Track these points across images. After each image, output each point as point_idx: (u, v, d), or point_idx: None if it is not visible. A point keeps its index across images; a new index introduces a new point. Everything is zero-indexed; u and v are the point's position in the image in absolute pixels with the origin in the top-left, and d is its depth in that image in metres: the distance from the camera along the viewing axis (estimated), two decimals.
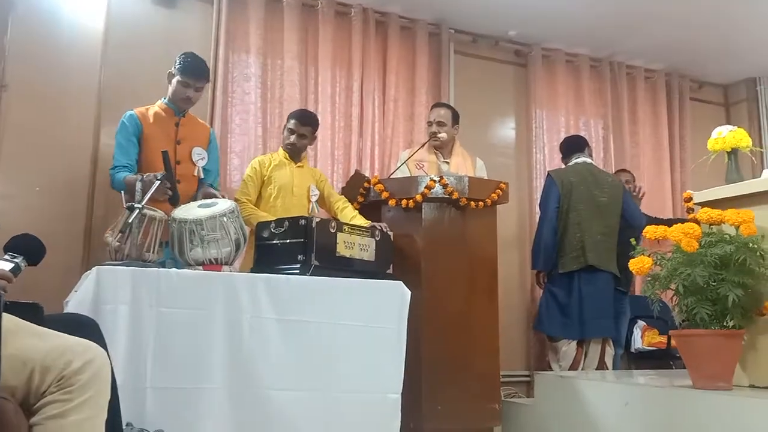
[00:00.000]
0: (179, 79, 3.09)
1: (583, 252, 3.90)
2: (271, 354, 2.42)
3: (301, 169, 3.48)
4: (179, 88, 3.10)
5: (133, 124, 3.06)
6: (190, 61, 3.10)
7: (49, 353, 1.30)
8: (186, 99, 3.12)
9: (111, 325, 2.16)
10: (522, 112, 4.89)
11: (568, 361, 3.93)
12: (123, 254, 2.50)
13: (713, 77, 5.59)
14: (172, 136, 3.12)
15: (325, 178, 3.61)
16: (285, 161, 3.45)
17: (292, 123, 3.46)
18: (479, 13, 4.48)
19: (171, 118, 3.15)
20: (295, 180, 3.40)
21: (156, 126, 3.10)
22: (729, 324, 2.36)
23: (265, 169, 3.40)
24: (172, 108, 3.15)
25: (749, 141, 2.74)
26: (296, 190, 3.38)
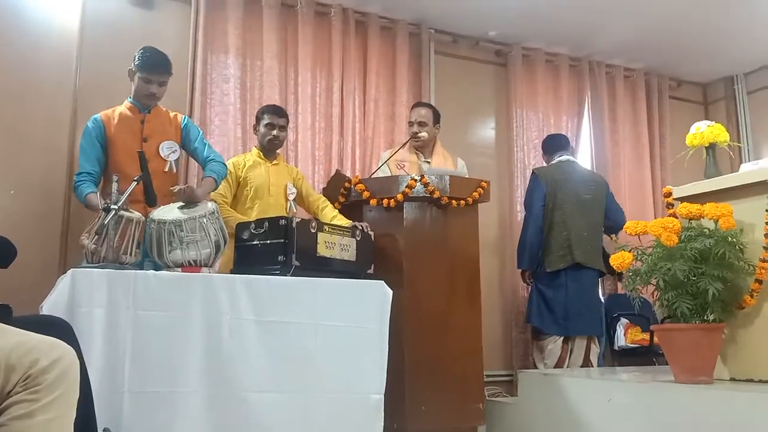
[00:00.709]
0: (140, 76, 3.02)
1: (570, 250, 3.92)
2: (250, 356, 2.39)
3: (277, 167, 3.44)
4: (142, 85, 3.04)
5: (97, 128, 3.01)
6: (149, 56, 3.03)
7: (13, 351, 1.26)
8: (150, 95, 3.06)
9: (87, 329, 2.13)
10: (502, 111, 4.90)
11: (554, 359, 3.94)
12: (99, 257, 2.46)
13: (692, 76, 5.64)
14: (138, 133, 3.06)
15: (302, 176, 3.57)
16: (260, 160, 3.41)
17: (268, 117, 3.42)
18: (459, 14, 4.49)
19: (136, 116, 3.09)
20: (271, 179, 3.37)
21: (121, 126, 3.04)
22: (709, 318, 2.37)
23: (240, 170, 3.36)
24: (137, 105, 3.09)
25: (727, 136, 2.77)
26: (273, 190, 3.34)
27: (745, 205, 2.51)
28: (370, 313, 2.65)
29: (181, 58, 3.77)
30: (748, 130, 5.47)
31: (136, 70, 3.03)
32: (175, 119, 3.21)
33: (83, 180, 2.94)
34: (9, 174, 3.35)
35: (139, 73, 3.03)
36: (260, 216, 3.04)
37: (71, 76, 3.59)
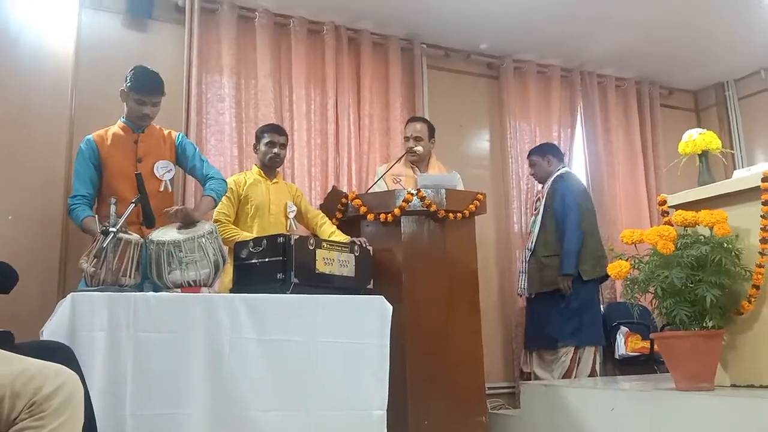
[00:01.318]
0: (133, 97, 3.01)
1: (600, 260, 3.92)
2: (252, 375, 2.38)
3: (277, 186, 3.45)
4: (134, 106, 3.03)
5: (90, 149, 3.00)
6: (141, 77, 3.01)
7: (17, 378, 1.26)
8: (143, 116, 3.05)
9: (88, 352, 2.12)
10: (496, 123, 4.93)
11: (563, 369, 3.91)
12: (99, 280, 2.46)
13: (683, 84, 5.69)
14: (132, 154, 3.05)
15: (301, 194, 3.59)
16: (260, 179, 3.42)
17: (269, 136, 3.43)
18: (450, 28, 4.53)
19: (130, 136, 3.07)
20: (271, 197, 3.38)
21: (115, 147, 3.03)
22: (708, 324, 2.38)
23: (241, 188, 3.37)
24: (130, 125, 3.08)
25: (719, 143, 2.79)
26: (273, 208, 3.35)
27: (740, 211, 2.53)
28: (371, 328, 2.64)
29: (175, 79, 3.81)
30: (740, 136, 5.51)
31: (129, 92, 3.02)
32: (170, 137, 3.19)
33: (78, 203, 2.93)
34: (7, 200, 3.36)
35: (131, 94, 3.01)
36: (260, 234, 3.04)
37: (67, 100, 3.61)
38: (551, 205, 4.04)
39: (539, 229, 4.07)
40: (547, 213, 4.05)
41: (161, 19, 3.95)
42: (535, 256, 4.06)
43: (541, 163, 4.25)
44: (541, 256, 4.02)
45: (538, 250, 4.05)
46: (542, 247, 4.04)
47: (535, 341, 4.10)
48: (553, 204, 4.05)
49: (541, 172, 4.25)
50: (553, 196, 4.07)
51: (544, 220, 4.06)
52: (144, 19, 3.88)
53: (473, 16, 4.34)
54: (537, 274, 4.02)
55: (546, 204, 4.08)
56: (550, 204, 4.05)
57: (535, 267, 4.04)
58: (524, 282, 4.12)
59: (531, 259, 4.08)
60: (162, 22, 3.95)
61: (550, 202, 4.06)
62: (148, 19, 3.90)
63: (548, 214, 4.05)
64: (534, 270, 4.04)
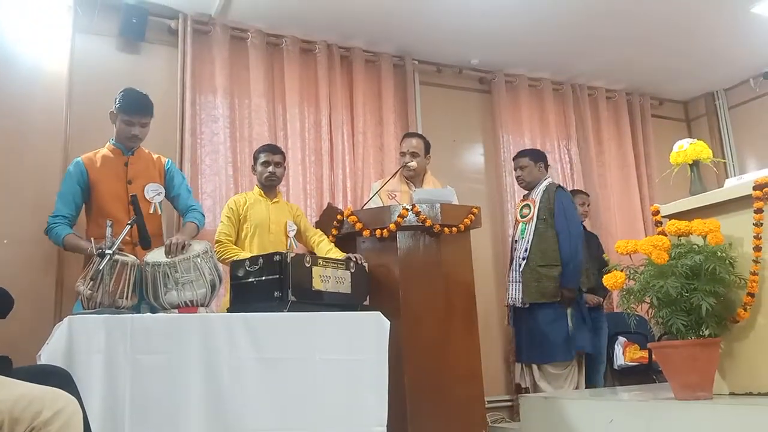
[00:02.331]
0: (122, 118, 3.03)
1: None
2: (251, 394, 2.37)
3: (277, 205, 3.47)
4: (123, 128, 3.04)
5: (78, 172, 3.01)
6: (130, 98, 3.03)
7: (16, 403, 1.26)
8: (132, 137, 3.06)
9: (86, 375, 2.11)
10: (489, 137, 4.96)
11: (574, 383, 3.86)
12: (95, 302, 2.46)
13: (673, 94, 5.75)
14: (122, 176, 3.06)
15: (301, 213, 3.60)
16: (261, 198, 3.43)
17: (264, 156, 3.45)
18: (441, 44, 4.58)
19: (119, 158, 3.09)
20: (271, 217, 3.39)
21: (104, 169, 3.04)
22: (705, 333, 2.39)
23: (241, 208, 3.38)
24: (120, 147, 3.09)
25: (710, 152, 2.82)
26: (273, 227, 3.36)
27: (732, 220, 2.55)
28: (369, 344, 2.64)
29: (169, 100, 3.84)
30: (731, 144, 5.56)
31: (118, 113, 3.04)
32: (159, 162, 3.21)
33: (58, 222, 2.94)
34: (2, 223, 3.36)
35: (120, 115, 3.03)
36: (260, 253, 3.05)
37: (61, 123, 3.62)
38: (548, 216, 3.94)
39: (534, 238, 3.92)
40: (543, 222, 3.93)
41: (154, 41, 3.98)
42: (529, 266, 3.89)
43: (533, 168, 4.09)
44: (537, 266, 3.87)
45: (533, 259, 3.89)
46: (538, 256, 3.88)
47: (535, 354, 3.92)
48: (555, 215, 3.94)
49: (529, 177, 4.07)
50: (552, 207, 3.95)
51: (539, 229, 3.92)
52: (137, 42, 3.92)
53: (464, 31, 4.39)
54: (534, 284, 3.86)
55: (540, 213, 3.95)
56: (547, 214, 3.94)
57: (531, 276, 3.87)
58: (517, 291, 3.94)
59: (525, 268, 3.90)
60: (155, 44, 3.98)
61: (547, 212, 3.95)
62: (141, 42, 3.93)
63: (545, 223, 3.93)
64: (530, 279, 3.87)
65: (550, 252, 3.87)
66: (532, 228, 3.94)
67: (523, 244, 3.96)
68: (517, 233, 4.04)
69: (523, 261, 3.91)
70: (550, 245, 3.88)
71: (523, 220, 4.02)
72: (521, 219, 4.03)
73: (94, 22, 3.80)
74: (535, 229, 3.93)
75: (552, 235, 3.91)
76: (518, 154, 4.22)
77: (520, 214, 4.06)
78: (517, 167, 4.14)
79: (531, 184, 4.08)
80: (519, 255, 3.96)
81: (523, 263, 3.91)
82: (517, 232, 4.04)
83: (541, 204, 3.97)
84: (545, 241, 3.90)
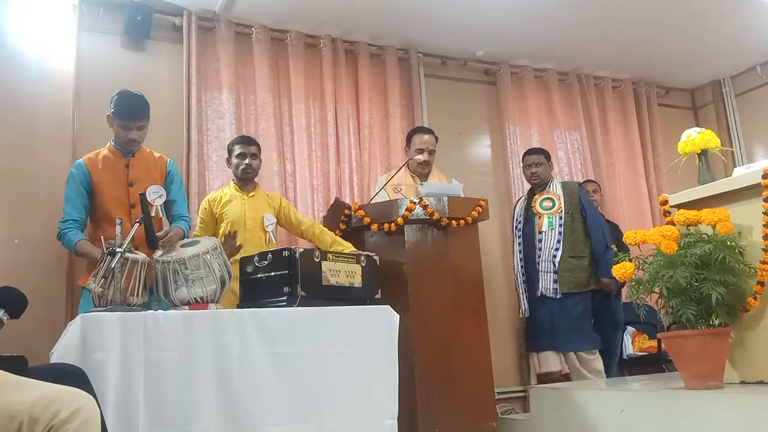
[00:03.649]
0: (118, 123, 2.99)
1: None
2: (263, 389, 2.38)
3: (254, 199, 3.41)
4: (120, 132, 3.00)
5: (81, 173, 2.98)
6: (124, 102, 2.98)
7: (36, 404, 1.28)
8: (130, 141, 3.02)
9: (99, 373, 2.12)
10: (495, 129, 4.95)
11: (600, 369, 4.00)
12: (107, 300, 2.47)
13: (679, 82, 5.72)
14: (123, 179, 3.03)
15: (287, 204, 3.53)
16: (236, 193, 3.39)
17: (239, 147, 3.41)
18: (446, 36, 4.56)
19: (120, 161, 3.05)
20: (247, 212, 3.33)
21: (106, 171, 3.01)
22: (715, 322, 2.39)
23: (216, 206, 3.36)
24: (120, 150, 3.06)
25: (718, 141, 2.80)
26: (249, 223, 3.31)
27: (741, 209, 2.54)
28: (379, 338, 2.65)
29: (176, 97, 3.85)
30: (739, 132, 5.53)
31: (114, 117, 3.00)
32: (161, 161, 3.17)
33: (69, 227, 2.92)
34: (12, 224, 3.38)
35: (116, 120, 2.99)
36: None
37: (69, 123, 3.63)
38: (574, 210, 4.13)
39: (564, 231, 4.08)
40: (570, 216, 4.11)
41: (159, 38, 3.98)
42: (562, 257, 4.04)
43: (547, 166, 4.29)
44: (568, 257, 4.03)
45: (566, 250, 4.04)
46: (568, 248, 4.05)
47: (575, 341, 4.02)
48: (583, 210, 4.15)
49: (544, 174, 4.25)
50: (577, 203, 4.16)
51: (567, 222, 4.09)
52: (142, 40, 3.92)
53: (468, 23, 4.38)
54: (567, 274, 4.01)
55: (566, 207, 4.12)
56: (573, 209, 4.13)
57: (564, 267, 4.02)
58: (549, 282, 4.04)
59: (560, 259, 4.04)
60: (160, 42, 3.99)
61: (572, 206, 4.14)
62: (147, 39, 3.93)
63: (571, 217, 4.12)
64: (564, 270, 4.01)
65: (577, 244, 4.07)
66: (560, 221, 4.11)
67: (553, 236, 4.11)
68: (544, 225, 4.14)
69: (557, 252, 4.06)
70: (577, 238, 4.09)
71: (548, 212, 4.15)
72: (544, 212, 4.16)
73: (99, 20, 3.82)
74: (564, 222, 4.10)
75: (578, 228, 4.12)
76: (533, 152, 4.35)
77: (541, 207, 4.18)
78: (533, 164, 4.27)
79: (543, 181, 4.26)
80: (549, 246, 4.10)
81: (558, 254, 4.05)
82: (543, 225, 4.14)
83: (566, 199, 4.16)
84: (572, 233, 4.09)
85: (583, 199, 4.20)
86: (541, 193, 4.23)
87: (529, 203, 4.28)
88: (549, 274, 4.05)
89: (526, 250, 4.21)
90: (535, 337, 4.15)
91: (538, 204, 4.19)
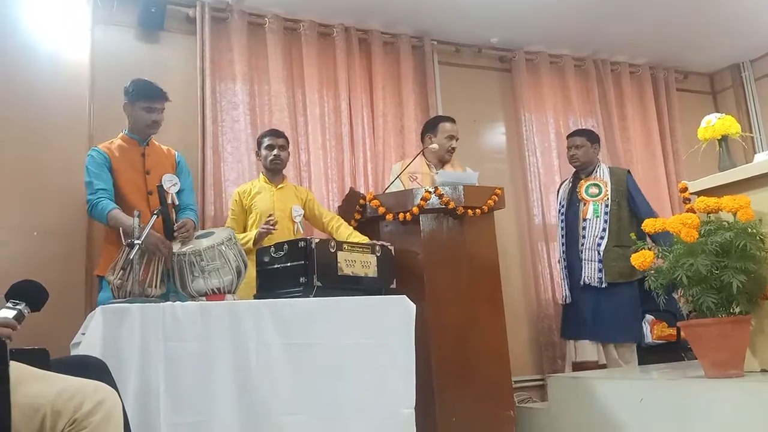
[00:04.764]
0: (143, 105, 3.04)
1: None
2: (280, 379, 2.40)
3: (282, 191, 3.47)
4: (144, 115, 3.05)
5: (102, 157, 2.99)
6: (146, 85, 3.06)
7: (58, 396, 1.29)
8: (153, 123, 3.08)
9: (119, 364, 2.14)
10: (511, 116, 4.91)
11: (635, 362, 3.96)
12: (125, 291, 2.50)
13: (698, 67, 5.63)
14: (140, 167, 3.07)
15: (312, 197, 3.59)
16: (265, 185, 3.45)
17: (268, 140, 3.49)
18: (460, 23, 4.52)
19: (136, 149, 3.10)
20: (275, 204, 3.39)
21: (123, 159, 3.04)
22: (735, 311, 2.36)
23: (246, 198, 3.42)
24: (136, 138, 3.10)
25: (738, 127, 2.77)
26: (278, 214, 3.34)
27: (762, 195, 2.50)
28: (395, 328, 2.66)
29: (190, 89, 3.86)
30: (758, 117, 5.43)
31: (135, 101, 3.05)
32: (170, 153, 3.23)
33: (101, 197, 2.89)
34: (31, 216, 3.41)
35: (140, 102, 3.04)
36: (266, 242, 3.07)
37: (84, 114, 3.64)
38: (621, 198, 3.98)
39: (610, 219, 3.92)
40: (616, 204, 3.96)
41: (173, 30, 3.98)
42: (607, 246, 3.88)
43: (589, 148, 4.11)
44: (613, 246, 3.87)
45: (611, 239, 3.89)
46: (614, 237, 3.89)
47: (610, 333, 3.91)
48: (632, 198, 4.01)
49: (585, 157, 4.09)
50: (624, 191, 4.01)
51: (613, 210, 3.94)
52: (156, 31, 3.93)
53: (482, 9, 4.33)
54: (613, 264, 3.85)
55: (613, 195, 3.97)
56: (620, 197, 3.98)
57: (610, 256, 3.86)
58: (593, 271, 3.89)
59: (605, 248, 3.88)
60: (174, 33, 3.99)
61: (619, 195, 3.98)
62: (161, 31, 3.94)
63: (618, 205, 3.96)
64: (610, 260, 3.86)
65: (623, 234, 3.84)
66: (606, 209, 3.96)
67: (598, 224, 3.95)
68: (589, 213, 3.99)
69: (602, 240, 3.91)
70: (623, 227, 3.90)
71: (595, 199, 3.99)
72: (590, 198, 4.00)
73: (113, 12, 3.82)
74: (610, 210, 3.95)
75: (625, 217, 3.96)
76: (575, 133, 4.23)
77: (587, 193, 4.03)
78: (572, 146, 4.14)
79: (585, 165, 4.11)
80: (594, 234, 3.94)
81: (603, 243, 3.90)
82: (589, 212, 3.99)
83: (613, 186, 4.00)
84: (618, 222, 3.93)
85: (631, 187, 4.03)
86: (587, 178, 4.07)
87: (573, 188, 4.12)
88: (593, 263, 3.90)
89: (568, 237, 4.06)
90: (573, 325, 4.02)
91: (583, 190, 4.04)
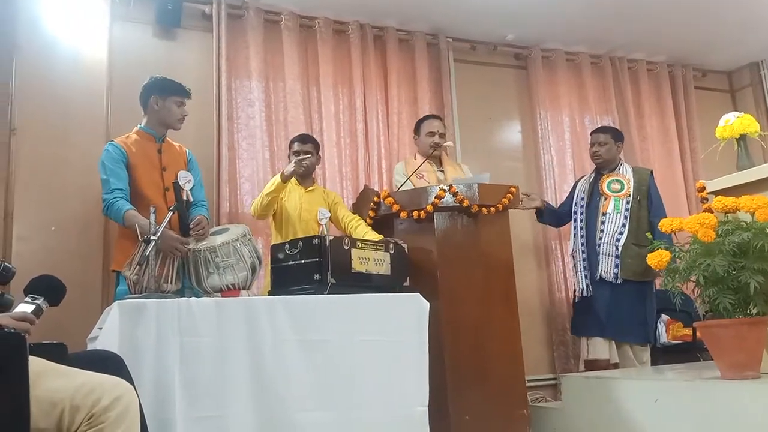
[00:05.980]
0: (176, 100, 3.09)
1: None
2: (294, 376, 2.41)
3: (311, 193, 3.52)
4: (175, 109, 3.09)
5: (119, 151, 2.98)
6: (173, 82, 3.12)
7: (77, 391, 1.31)
8: (183, 118, 3.14)
9: (136, 358, 2.16)
10: (526, 114, 4.89)
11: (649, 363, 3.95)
12: (142, 287, 2.52)
13: (716, 65, 5.57)
14: (157, 163, 3.08)
15: (339, 200, 3.63)
16: (296, 187, 3.51)
17: (296, 145, 3.55)
18: (475, 20, 4.50)
19: (153, 145, 3.11)
20: (303, 205, 3.44)
21: (140, 155, 3.04)
22: (752, 312, 2.34)
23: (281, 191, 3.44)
24: (152, 134, 3.11)
25: (757, 126, 2.74)
26: (304, 215, 3.41)
27: None
28: (409, 325, 2.66)
29: (206, 86, 3.88)
30: None
31: (167, 96, 3.08)
32: (182, 150, 3.26)
33: (117, 197, 2.88)
34: (49, 211, 3.45)
35: (172, 97, 3.08)
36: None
37: (102, 111, 3.68)
38: (642, 197, 3.96)
39: (630, 216, 3.90)
40: (637, 203, 3.94)
41: (189, 27, 4.01)
42: (625, 242, 3.85)
43: (612, 146, 4.09)
44: (631, 243, 3.84)
45: (630, 236, 3.86)
46: (632, 235, 3.86)
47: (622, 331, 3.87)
48: (650, 198, 3.99)
49: (607, 154, 4.07)
50: (646, 190, 3.99)
51: (633, 208, 3.92)
52: (173, 29, 3.95)
53: (498, 6, 4.31)
54: (628, 260, 3.82)
55: (635, 193, 3.95)
56: (641, 195, 3.96)
57: (626, 253, 3.83)
58: (610, 265, 3.86)
59: (624, 244, 3.85)
60: (190, 30, 4.02)
61: (640, 193, 3.96)
62: (177, 28, 3.96)
63: (638, 204, 3.94)
64: (627, 256, 3.82)
65: (640, 233, 3.82)
66: (626, 205, 3.95)
67: (618, 219, 3.93)
68: (609, 207, 3.97)
69: (620, 236, 3.89)
70: (640, 225, 3.88)
71: (616, 195, 3.98)
72: (612, 194, 3.99)
73: (130, 9, 3.86)
74: (630, 207, 3.93)
75: (644, 216, 3.94)
76: (599, 130, 4.22)
77: (609, 188, 4.02)
78: (596, 143, 4.12)
79: (607, 163, 4.10)
80: (614, 229, 3.92)
81: (621, 238, 3.88)
82: (609, 207, 3.97)
83: (635, 185, 3.99)
84: (637, 220, 3.91)
85: (652, 188, 4.01)
86: (610, 174, 4.05)
87: (595, 183, 4.09)
88: (611, 257, 3.87)
89: (588, 231, 4.02)
90: (586, 321, 3.98)
91: (605, 185, 4.02)
